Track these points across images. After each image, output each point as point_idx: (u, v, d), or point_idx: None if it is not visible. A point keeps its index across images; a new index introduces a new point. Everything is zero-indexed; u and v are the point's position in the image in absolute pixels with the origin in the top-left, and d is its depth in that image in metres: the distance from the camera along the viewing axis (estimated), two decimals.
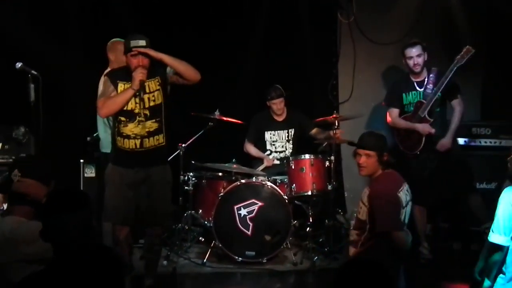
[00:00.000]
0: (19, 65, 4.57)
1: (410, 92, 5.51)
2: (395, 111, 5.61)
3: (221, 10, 6.44)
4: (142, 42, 4.39)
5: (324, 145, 5.79)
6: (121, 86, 4.45)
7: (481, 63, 6.68)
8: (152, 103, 4.46)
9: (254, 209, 5.39)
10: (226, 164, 5.69)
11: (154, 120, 4.46)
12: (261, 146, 6.15)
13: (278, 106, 6.01)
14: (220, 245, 5.37)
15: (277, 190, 5.44)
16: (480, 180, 5.95)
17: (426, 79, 5.49)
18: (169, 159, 5.64)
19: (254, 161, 6.15)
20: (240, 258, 5.36)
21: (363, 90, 6.63)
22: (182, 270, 5.29)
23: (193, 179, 5.71)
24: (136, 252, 5.59)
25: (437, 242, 5.89)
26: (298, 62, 6.57)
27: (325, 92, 6.59)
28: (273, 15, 6.45)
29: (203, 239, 5.81)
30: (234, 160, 5.71)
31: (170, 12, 6.37)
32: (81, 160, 5.63)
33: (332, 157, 5.65)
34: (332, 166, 5.64)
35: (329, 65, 6.66)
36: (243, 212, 5.39)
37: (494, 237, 3.75)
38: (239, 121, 6.00)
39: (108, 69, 5.14)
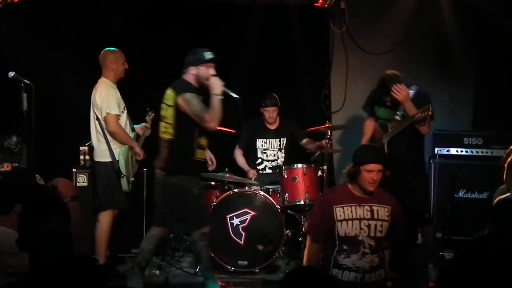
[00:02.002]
0: (12, 74, 4.58)
1: (381, 108, 5.30)
2: (368, 120, 5.48)
3: (213, 19, 6.46)
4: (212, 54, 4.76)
5: (316, 154, 5.80)
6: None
7: (473, 73, 6.73)
8: None
9: (247, 219, 5.39)
10: (219, 174, 5.69)
11: None
12: (253, 153, 6.16)
13: (270, 114, 6.02)
14: (213, 255, 5.35)
15: (269, 200, 5.44)
16: (472, 189, 5.98)
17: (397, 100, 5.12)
18: None
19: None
20: (232, 268, 5.35)
21: (356, 100, 6.62)
22: (175, 279, 5.27)
23: None
24: (128, 262, 5.59)
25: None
26: (291, 71, 6.59)
27: (317, 102, 6.61)
28: (265, 24, 6.47)
29: None
30: (226, 169, 5.71)
31: (162, 22, 6.39)
32: (74, 169, 5.61)
33: (325, 167, 5.66)
34: (324, 175, 5.65)
35: (322, 74, 6.68)
36: (236, 221, 5.39)
37: None
38: (231, 131, 6.01)
39: (103, 78, 5.15)
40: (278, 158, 6.11)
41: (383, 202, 4.04)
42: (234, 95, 4.79)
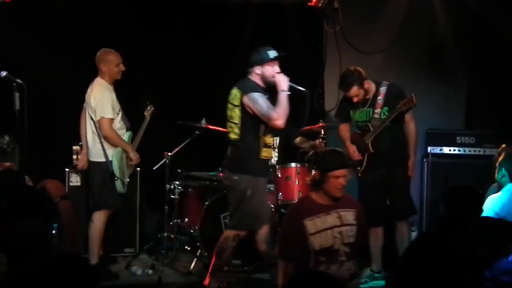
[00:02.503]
0: (4, 74, 4.57)
1: (357, 110, 5.25)
2: (342, 126, 5.47)
3: (207, 19, 6.45)
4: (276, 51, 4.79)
5: (310, 153, 5.79)
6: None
7: (465, 73, 6.75)
8: None
9: None
10: (213, 173, 5.68)
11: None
12: None
13: None
14: (206, 254, 5.35)
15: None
16: None
17: (371, 99, 5.15)
18: (155, 168, 5.68)
19: None
20: (226, 267, 5.35)
21: None
22: (168, 279, 5.27)
23: (179, 187, 5.70)
24: (121, 261, 5.59)
25: None
26: (284, 71, 6.55)
27: (311, 101, 6.59)
28: (259, 23, 6.47)
29: (189, 248, 5.78)
30: (220, 168, 5.70)
31: (159, 21, 6.38)
32: (66, 169, 5.60)
33: None
34: None
35: (315, 73, 6.68)
36: None
37: None
38: (225, 130, 5.99)
39: (99, 79, 5.13)
40: (272, 157, 6.10)
41: (348, 206, 3.99)
42: (301, 88, 4.81)
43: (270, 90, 4.77)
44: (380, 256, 5.26)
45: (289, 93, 4.67)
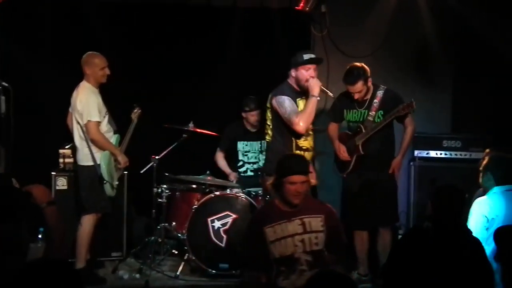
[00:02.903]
0: None
1: (352, 110, 5.25)
2: (332, 125, 5.46)
3: (194, 23, 6.45)
4: (314, 56, 4.87)
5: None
6: (300, 103, 4.78)
7: (451, 77, 6.81)
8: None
9: (228, 221, 5.37)
10: (200, 176, 5.68)
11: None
12: (234, 156, 6.15)
13: (256, 117, 6.03)
14: (194, 258, 5.34)
15: (251, 202, 5.43)
16: None
17: (368, 101, 5.16)
18: (142, 171, 5.66)
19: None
20: (213, 271, 5.34)
21: None
22: (155, 283, 5.24)
23: (166, 191, 5.68)
24: (108, 266, 5.56)
25: None
26: (272, 75, 6.57)
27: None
28: (246, 27, 6.48)
29: (176, 252, 5.77)
30: (208, 172, 5.71)
31: (144, 26, 6.36)
32: (53, 172, 5.56)
33: None
34: None
35: None
36: (217, 224, 5.37)
37: None
38: (213, 133, 6.01)
39: (84, 82, 5.10)
40: (259, 160, 6.11)
41: (315, 212, 3.85)
42: (330, 94, 4.92)
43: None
44: (367, 260, 5.28)
45: (318, 98, 4.72)
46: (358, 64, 5.17)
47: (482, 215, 3.91)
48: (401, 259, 3.37)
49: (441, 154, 6.18)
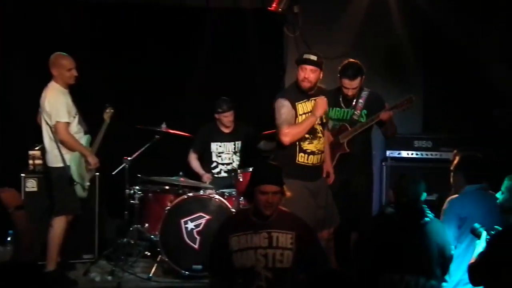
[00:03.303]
0: None
1: (335, 108, 5.26)
2: None
3: (167, 23, 6.43)
4: (313, 57, 4.69)
5: (271, 157, 5.81)
6: (299, 107, 4.71)
7: (422, 78, 6.88)
8: (324, 121, 4.85)
9: (202, 223, 5.35)
10: (173, 177, 5.64)
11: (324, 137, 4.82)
12: (207, 157, 6.13)
13: (229, 118, 6.02)
14: (167, 259, 5.31)
15: (225, 203, 5.42)
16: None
17: (355, 101, 5.22)
18: (114, 172, 5.61)
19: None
20: (187, 272, 5.31)
21: None
22: (127, 285, 5.19)
23: (139, 192, 5.64)
24: (80, 268, 5.49)
25: None
26: (245, 75, 6.60)
27: (272, 105, 6.61)
28: (219, 28, 6.47)
29: (149, 254, 5.73)
30: (181, 173, 5.67)
31: (115, 26, 6.32)
32: (22, 174, 5.48)
33: None
34: None
35: (276, 78, 6.70)
36: (190, 225, 5.35)
37: None
38: (186, 134, 5.98)
39: (53, 83, 5.03)
40: (233, 161, 6.10)
41: (286, 227, 3.64)
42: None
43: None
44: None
45: (318, 119, 4.69)
46: (354, 60, 5.21)
47: (454, 214, 3.96)
48: (371, 239, 3.73)
49: (412, 154, 6.25)
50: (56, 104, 4.98)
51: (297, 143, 4.73)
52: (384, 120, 5.11)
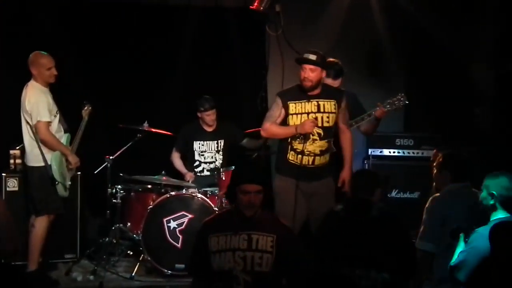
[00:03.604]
0: None
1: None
2: None
3: (148, 21, 6.41)
4: (312, 56, 4.66)
5: (255, 155, 5.83)
6: (292, 107, 4.70)
7: (403, 77, 6.92)
8: (326, 124, 4.70)
9: (184, 221, 5.34)
10: (156, 176, 5.63)
11: (326, 140, 4.69)
12: (190, 156, 6.12)
13: (211, 117, 6.01)
14: (149, 258, 5.29)
15: (207, 202, 5.41)
16: (404, 189, 6.16)
17: None
18: (96, 171, 5.58)
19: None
20: (169, 271, 5.30)
21: None
22: (110, 284, 5.17)
23: (121, 191, 5.62)
24: (62, 268, 5.46)
25: None
26: (227, 74, 6.61)
27: (254, 104, 6.63)
28: (201, 27, 6.47)
29: (131, 253, 5.71)
30: (163, 172, 5.66)
31: (97, 24, 6.29)
32: (3, 174, 5.43)
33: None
34: None
35: (259, 77, 6.70)
36: (173, 224, 5.34)
37: (423, 245, 3.91)
38: (168, 133, 5.97)
39: (33, 82, 4.99)
40: (216, 160, 6.10)
41: (267, 230, 3.52)
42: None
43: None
44: None
45: (301, 136, 4.65)
46: (335, 59, 5.27)
47: (437, 212, 3.98)
48: (320, 237, 3.96)
49: (394, 152, 6.29)
50: (37, 103, 4.94)
51: (289, 140, 4.74)
52: (379, 117, 5.17)
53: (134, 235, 5.52)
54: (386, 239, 3.67)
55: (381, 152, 6.32)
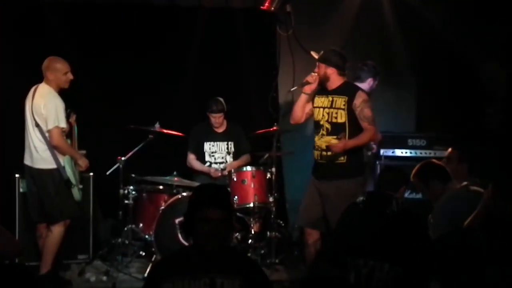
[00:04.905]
0: None
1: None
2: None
3: (158, 22, 6.42)
4: (317, 54, 4.96)
5: (265, 157, 5.83)
6: (316, 100, 4.88)
7: (415, 77, 6.91)
8: (334, 120, 4.74)
9: None
10: (167, 177, 5.63)
11: (335, 137, 4.68)
12: (200, 157, 6.13)
13: (217, 120, 6.02)
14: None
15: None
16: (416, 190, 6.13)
17: None
18: (108, 172, 5.59)
19: (195, 174, 6.12)
20: None
21: None
22: (122, 285, 5.18)
23: (133, 192, 5.62)
24: (75, 268, 5.48)
25: None
26: (238, 75, 6.60)
27: (265, 105, 6.63)
28: (212, 28, 6.47)
29: (143, 254, 5.70)
30: (175, 173, 5.66)
31: (107, 24, 6.30)
32: (17, 175, 5.45)
33: (273, 169, 5.70)
34: (273, 178, 5.68)
35: (269, 77, 6.70)
36: None
37: None
38: (179, 134, 5.97)
39: (47, 86, 4.98)
40: (226, 161, 6.10)
41: (232, 271, 2.84)
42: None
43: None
44: None
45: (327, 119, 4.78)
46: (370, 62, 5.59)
47: (445, 216, 3.95)
48: (341, 228, 3.93)
49: (406, 152, 6.26)
50: (56, 109, 4.90)
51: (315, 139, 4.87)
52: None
53: (146, 236, 5.53)
54: (402, 235, 3.69)
55: (393, 152, 6.28)
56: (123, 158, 5.59)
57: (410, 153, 6.23)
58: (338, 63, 4.89)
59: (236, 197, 5.50)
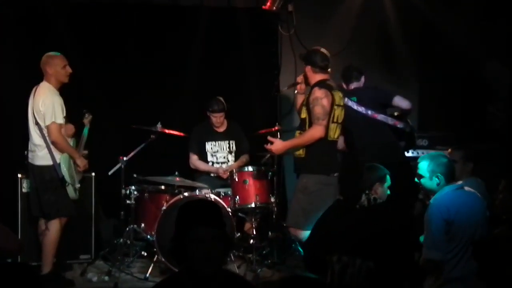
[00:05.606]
0: None
1: None
2: None
3: (160, 22, 6.42)
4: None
5: (266, 157, 5.83)
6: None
7: (417, 76, 6.90)
8: (301, 116, 4.92)
9: None
10: (169, 177, 5.63)
11: (299, 132, 4.89)
12: (202, 157, 6.13)
13: (217, 119, 6.03)
14: (163, 259, 5.29)
15: (220, 203, 5.41)
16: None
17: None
18: (110, 172, 5.60)
19: (197, 174, 6.12)
20: None
21: None
22: (124, 285, 5.19)
23: (135, 192, 5.62)
24: (77, 268, 5.49)
25: None
26: (239, 74, 6.60)
27: (266, 104, 6.63)
28: (213, 27, 6.47)
29: (145, 254, 5.70)
30: (176, 173, 5.66)
31: (108, 25, 6.30)
32: (19, 175, 5.46)
33: (275, 169, 5.69)
34: (275, 178, 5.68)
35: (271, 77, 6.69)
36: None
37: (431, 253, 3.70)
38: (181, 134, 5.98)
39: (46, 83, 5.01)
40: (228, 161, 6.11)
41: None
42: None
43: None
44: None
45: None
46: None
47: (440, 219, 3.70)
48: (316, 231, 4.12)
49: (408, 152, 6.25)
50: (53, 105, 4.95)
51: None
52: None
53: (148, 236, 5.54)
54: (372, 229, 3.78)
55: None
56: (125, 158, 5.59)
57: (412, 153, 6.22)
58: (313, 61, 4.92)
59: (237, 197, 5.50)
